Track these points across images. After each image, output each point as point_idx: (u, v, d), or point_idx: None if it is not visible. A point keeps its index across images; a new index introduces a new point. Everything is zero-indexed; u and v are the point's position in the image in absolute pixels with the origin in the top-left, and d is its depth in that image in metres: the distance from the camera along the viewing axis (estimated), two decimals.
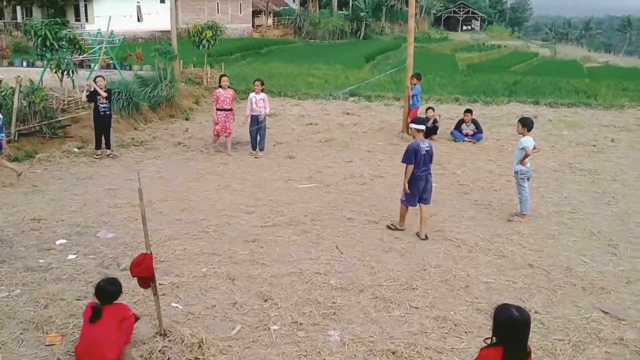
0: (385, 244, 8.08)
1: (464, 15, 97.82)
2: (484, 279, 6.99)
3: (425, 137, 14.64)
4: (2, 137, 10.30)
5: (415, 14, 17.49)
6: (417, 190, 8.34)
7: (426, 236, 8.30)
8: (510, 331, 3.61)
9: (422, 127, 8.46)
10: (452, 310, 6.20)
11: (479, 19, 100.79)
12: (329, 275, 6.98)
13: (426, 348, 5.47)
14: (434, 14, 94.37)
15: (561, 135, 16.15)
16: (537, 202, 10.09)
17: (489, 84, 25.83)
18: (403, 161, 8.35)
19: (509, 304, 3.78)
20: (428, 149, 8.32)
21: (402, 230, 8.57)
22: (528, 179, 9.24)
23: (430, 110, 15.55)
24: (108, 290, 4.96)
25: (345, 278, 6.90)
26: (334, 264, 7.33)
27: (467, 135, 15.09)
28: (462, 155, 13.68)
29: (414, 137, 8.51)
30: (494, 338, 3.71)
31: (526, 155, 8.97)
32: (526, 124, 9.05)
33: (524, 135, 9.06)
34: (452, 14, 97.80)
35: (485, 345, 3.77)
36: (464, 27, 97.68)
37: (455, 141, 15.04)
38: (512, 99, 22.09)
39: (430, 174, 8.46)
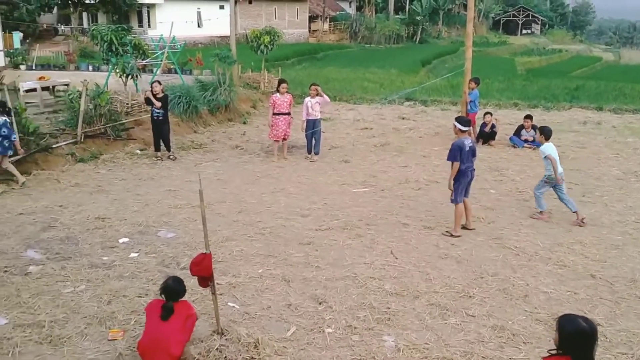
0: (441, 250, 7.99)
1: (524, 19, 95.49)
2: (544, 289, 6.81)
3: (483, 143, 14.70)
4: (15, 138, 10.40)
5: (474, 18, 17.23)
6: (463, 186, 8.56)
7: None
8: (578, 343, 3.52)
9: (466, 128, 8.58)
10: (510, 320, 6.07)
11: (540, 23, 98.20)
12: (383, 280, 6.96)
13: (483, 357, 5.38)
14: (492, 17, 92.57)
15: (626, 142, 15.58)
16: (600, 211, 9.78)
17: (549, 89, 25.17)
18: (449, 159, 8.51)
19: (574, 314, 3.68)
20: (471, 145, 8.56)
21: (459, 237, 8.46)
22: (555, 186, 9.26)
23: (488, 115, 15.30)
24: (176, 289, 5.08)
25: (400, 283, 6.87)
26: (388, 269, 7.30)
27: (526, 141, 14.76)
28: (522, 161, 13.39)
29: (457, 135, 8.61)
30: (559, 351, 3.61)
31: (554, 165, 9.02)
32: (544, 132, 9.27)
33: (542, 143, 9.25)
34: (511, 18, 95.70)
35: (548, 354, 3.68)
36: (524, 31, 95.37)
37: (515, 147, 14.74)
38: (573, 104, 21.44)
39: (474, 169, 8.69)
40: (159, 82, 12.92)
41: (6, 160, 10.43)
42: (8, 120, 10.41)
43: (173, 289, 5.05)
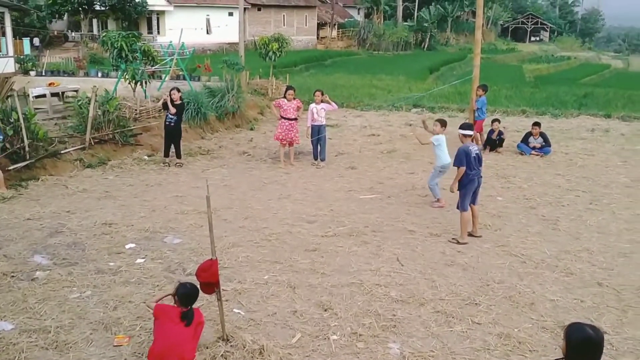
0: (448, 257, 7.97)
1: (533, 26, 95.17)
2: (551, 297, 6.78)
3: (490, 150, 14.67)
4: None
5: (482, 25, 17.23)
6: (470, 193, 8.58)
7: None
8: (586, 351, 3.50)
9: (470, 132, 8.72)
10: (516, 328, 6.05)
11: (548, 30, 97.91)
12: (389, 287, 6.95)
13: None
14: (501, 24, 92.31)
15: (634, 149, 15.50)
16: (607, 219, 9.73)
17: (557, 96, 25.10)
18: (455, 164, 8.58)
19: (581, 323, 3.66)
20: (477, 152, 8.66)
21: (465, 244, 8.43)
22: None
23: (496, 122, 15.27)
24: (193, 295, 5.16)
25: (405, 291, 6.86)
26: (394, 276, 7.29)
27: (534, 148, 14.72)
28: (529, 168, 13.35)
29: (462, 142, 8.66)
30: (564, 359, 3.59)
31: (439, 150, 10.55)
32: (440, 122, 10.87)
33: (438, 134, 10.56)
34: (520, 25, 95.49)
35: None
36: (532, 38, 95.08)
37: (522, 154, 14.69)
38: (582, 111, 21.36)
39: (481, 176, 8.75)
40: (178, 90, 12.91)
41: None
42: None
43: (191, 295, 5.13)
